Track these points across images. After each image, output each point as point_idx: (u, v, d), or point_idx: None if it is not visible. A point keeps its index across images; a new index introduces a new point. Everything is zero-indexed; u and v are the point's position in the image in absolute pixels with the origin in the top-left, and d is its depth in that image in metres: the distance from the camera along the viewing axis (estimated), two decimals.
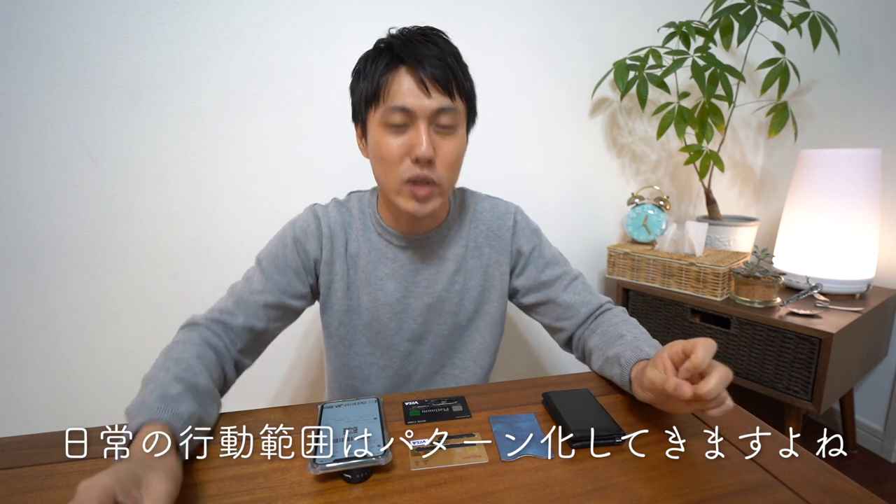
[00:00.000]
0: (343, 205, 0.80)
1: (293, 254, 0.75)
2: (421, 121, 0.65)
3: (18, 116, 1.09)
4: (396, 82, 0.65)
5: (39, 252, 1.16)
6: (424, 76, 0.64)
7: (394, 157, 0.67)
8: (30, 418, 1.23)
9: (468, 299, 0.82)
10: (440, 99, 0.65)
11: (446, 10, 1.33)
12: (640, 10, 1.53)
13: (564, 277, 0.82)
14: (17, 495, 0.47)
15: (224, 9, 1.17)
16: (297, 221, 0.78)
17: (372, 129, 0.69)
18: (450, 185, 0.72)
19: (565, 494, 0.47)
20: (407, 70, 0.65)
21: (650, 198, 1.55)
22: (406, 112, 0.65)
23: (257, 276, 0.74)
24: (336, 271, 0.78)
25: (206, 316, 0.70)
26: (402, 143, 0.66)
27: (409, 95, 0.64)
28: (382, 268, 0.78)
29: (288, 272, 0.75)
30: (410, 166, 0.67)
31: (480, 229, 0.82)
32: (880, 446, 1.48)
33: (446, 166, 0.69)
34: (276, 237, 0.78)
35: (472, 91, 0.72)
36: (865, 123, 1.49)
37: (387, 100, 0.65)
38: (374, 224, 0.78)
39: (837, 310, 1.23)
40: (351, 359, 0.82)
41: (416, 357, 0.83)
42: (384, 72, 0.66)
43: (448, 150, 0.68)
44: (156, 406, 0.51)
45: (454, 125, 0.68)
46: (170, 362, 0.59)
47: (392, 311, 0.79)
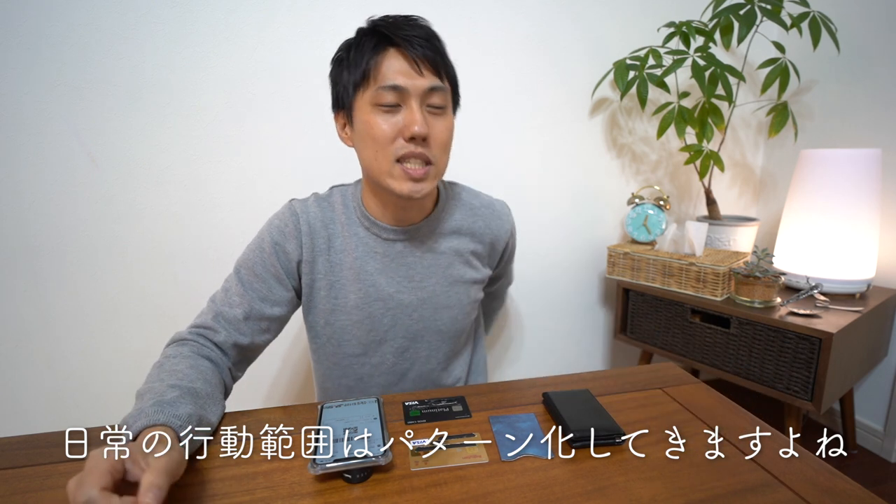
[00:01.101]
0: (324, 199, 0.78)
1: (272, 258, 0.72)
2: (413, 99, 0.65)
3: (18, 116, 1.09)
4: (387, 62, 0.64)
5: (39, 252, 1.16)
6: (415, 56, 0.64)
7: (386, 137, 0.65)
8: (30, 418, 1.23)
9: (462, 289, 0.81)
10: (431, 78, 0.65)
11: (446, 10, 1.33)
12: (640, 10, 1.53)
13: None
14: (17, 495, 0.47)
15: (224, 9, 1.17)
16: (274, 221, 0.75)
17: (361, 111, 0.67)
18: (443, 168, 0.71)
19: (565, 494, 0.47)
20: (396, 51, 0.65)
21: (650, 198, 1.55)
22: (398, 91, 0.64)
23: (235, 288, 0.71)
24: (318, 270, 0.75)
25: (189, 331, 0.68)
26: (394, 123, 0.65)
27: (400, 74, 0.64)
28: (372, 262, 0.75)
29: (268, 279, 0.72)
30: (403, 144, 0.65)
31: (479, 224, 0.81)
32: (880, 446, 1.48)
33: (439, 146, 0.68)
34: (254, 241, 0.75)
35: (455, 75, 0.72)
36: (865, 123, 1.49)
37: (377, 80, 0.64)
38: (360, 217, 0.75)
39: (837, 310, 1.23)
40: (341, 358, 0.80)
41: (413, 353, 0.81)
42: (372, 54, 0.65)
43: (440, 129, 0.68)
44: (152, 411, 0.50)
45: (444, 105, 0.68)
46: (163, 374, 0.58)
47: (385, 306, 0.77)
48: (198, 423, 0.52)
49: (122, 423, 0.50)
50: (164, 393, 0.53)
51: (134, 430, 0.48)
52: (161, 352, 0.66)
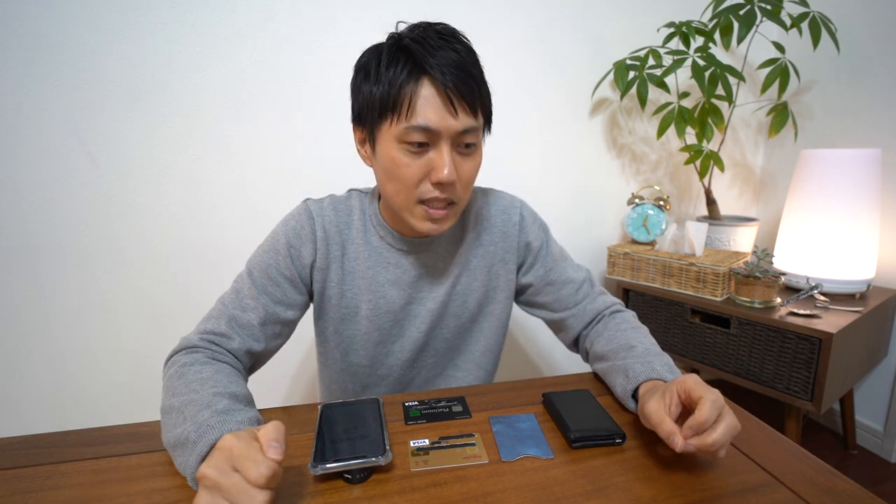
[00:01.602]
0: (341, 203, 0.74)
1: (286, 261, 0.69)
2: (444, 142, 0.60)
3: (18, 116, 1.09)
4: (420, 98, 0.59)
5: (39, 252, 1.16)
6: (451, 94, 0.58)
7: (412, 179, 0.62)
8: (30, 418, 1.23)
9: (472, 301, 0.78)
10: (465, 120, 0.60)
11: (447, 10, 1.33)
12: (640, 10, 1.53)
13: (573, 277, 0.79)
14: (17, 495, 0.47)
15: (224, 9, 1.17)
16: (290, 222, 0.71)
17: (384, 142, 0.62)
18: (465, 204, 0.68)
19: (565, 494, 0.47)
20: (430, 82, 0.59)
21: (650, 198, 1.55)
22: (429, 132, 0.60)
23: (248, 291, 0.68)
24: (331, 278, 0.73)
25: (200, 337, 0.64)
26: (421, 164, 0.61)
27: (433, 115, 0.59)
28: (385, 273, 0.73)
29: (282, 282, 0.69)
30: (430, 188, 0.62)
31: (484, 226, 0.78)
32: (880, 446, 1.48)
33: (465, 186, 0.65)
34: (268, 242, 0.71)
35: (490, 104, 0.67)
36: (865, 123, 1.49)
37: (409, 117, 0.59)
38: (376, 226, 0.73)
39: (837, 310, 1.23)
40: (348, 366, 0.79)
41: (419, 364, 0.80)
42: (405, 82, 0.59)
43: (467, 169, 0.64)
44: (215, 421, 0.47)
45: (475, 144, 0.64)
46: (194, 384, 0.54)
47: (394, 318, 0.75)
48: (257, 423, 0.51)
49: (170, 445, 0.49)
50: (212, 404, 0.50)
51: (201, 448, 0.45)
52: (168, 359, 0.62)
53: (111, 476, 0.50)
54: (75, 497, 0.46)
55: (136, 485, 0.48)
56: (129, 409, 1.28)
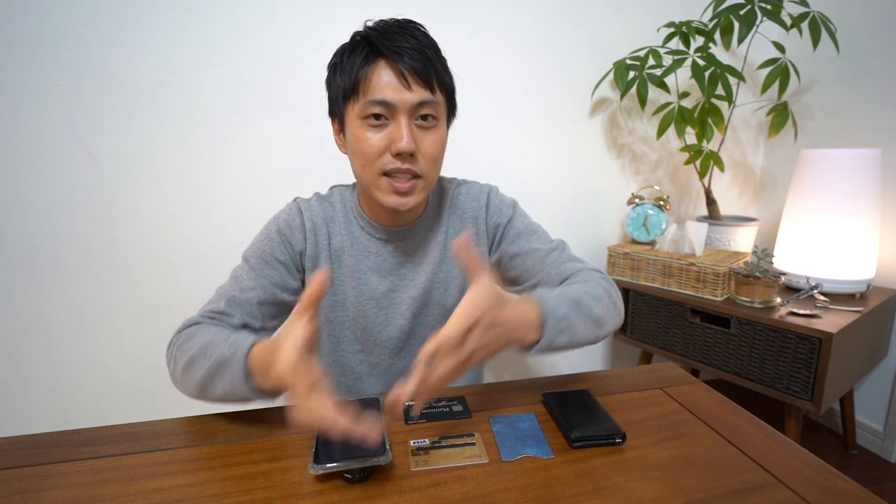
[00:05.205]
0: (325, 199, 0.80)
1: (280, 247, 0.74)
2: (401, 114, 0.64)
3: (18, 116, 1.09)
4: (376, 75, 0.64)
5: (38, 252, 1.16)
6: (404, 68, 0.63)
7: (374, 151, 0.66)
8: (30, 418, 1.23)
9: (454, 287, 0.81)
10: (421, 92, 0.64)
11: (447, 10, 1.33)
12: (640, 10, 1.53)
13: (539, 247, 0.78)
14: (17, 495, 0.47)
15: (224, 9, 1.17)
16: (280, 216, 0.76)
17: (350, 123, 0.68)
18: (433, 179, 0.71)
19: (565, 494, 0.47)
20: (386, 63, 0.64)
21: (650, 198, 1.55)
22: (386, 105, 0.64)
23: (246, 274, 0.72)
24: (320, 265, 0.77)
25: (201, 316, 0.67)
26: (381, 138, 0.65)
27: (388, 88, 0.63)
28: (366, 261, 0.77)
29: (277, 266, 0.73)
30: (390, 160, 0.66)
31: (458, 214, 0.81)
32: (880, 446, 1.48)
33: (428, 160, 0.68)
34: (261, 233, 0.76)
35: (451, 84, 0.71)
36: (865, 123, 1.49)
37: (366, 94, 0.64)
38: (357, 217, 0.78)
39: (837, 310, 1.23)
40: (340, 356, 0.82)
41: (407, 352, 0.82)
42: (362, 65, 0.64)
43: (429, 143, 0.67)
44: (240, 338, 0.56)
45: (435, 118, 0.67)
46: (207, 337, 0.60)
47: (378, 305, 0.78)
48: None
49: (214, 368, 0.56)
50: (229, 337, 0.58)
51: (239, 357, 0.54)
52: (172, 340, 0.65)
53: (111, 476, 0.50)
54: (75, 497, 0.46)
55: (136, 485, 0.48)
56: (129, 409, 1.28)
